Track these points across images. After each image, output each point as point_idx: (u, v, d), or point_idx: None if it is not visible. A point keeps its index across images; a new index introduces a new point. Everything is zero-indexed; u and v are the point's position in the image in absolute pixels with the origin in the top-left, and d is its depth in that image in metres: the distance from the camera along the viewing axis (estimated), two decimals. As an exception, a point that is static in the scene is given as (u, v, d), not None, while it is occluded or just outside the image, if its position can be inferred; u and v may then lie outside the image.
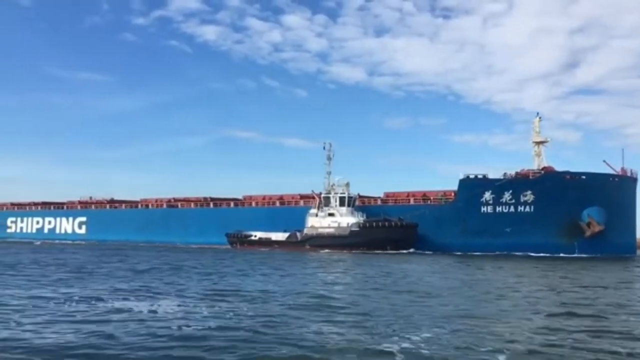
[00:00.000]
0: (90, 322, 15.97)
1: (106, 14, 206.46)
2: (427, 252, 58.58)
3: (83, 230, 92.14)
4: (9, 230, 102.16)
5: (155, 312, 18.18)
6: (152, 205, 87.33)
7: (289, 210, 71.26)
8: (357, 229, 59.54)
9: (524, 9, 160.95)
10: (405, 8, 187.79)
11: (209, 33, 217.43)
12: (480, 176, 61.12)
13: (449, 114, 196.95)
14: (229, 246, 68.99)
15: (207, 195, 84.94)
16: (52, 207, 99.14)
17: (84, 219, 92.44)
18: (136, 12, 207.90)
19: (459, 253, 58.13)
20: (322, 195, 63.72)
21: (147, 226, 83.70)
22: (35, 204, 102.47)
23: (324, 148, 65.66)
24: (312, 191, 66.13)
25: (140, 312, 18.04)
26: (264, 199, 78.79)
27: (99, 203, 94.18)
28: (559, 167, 61.91)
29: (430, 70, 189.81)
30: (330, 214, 61.95)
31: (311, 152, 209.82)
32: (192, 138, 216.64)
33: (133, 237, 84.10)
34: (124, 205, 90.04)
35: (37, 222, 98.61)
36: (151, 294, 22.71)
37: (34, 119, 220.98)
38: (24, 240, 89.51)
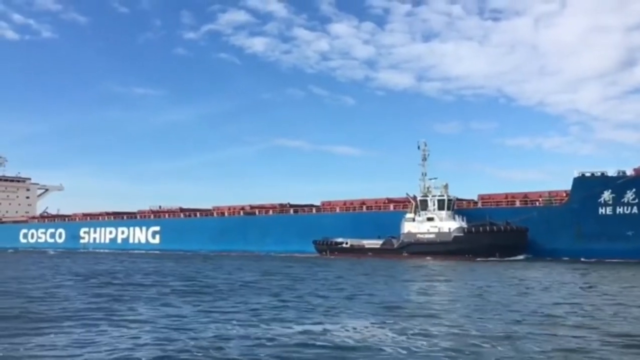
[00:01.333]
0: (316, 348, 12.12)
1: (159, 30, 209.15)
2: (540, 259, 53.01)
3: (157, 240, 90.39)
4: (82, 241, 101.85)
5: (365, 336, 14.15)
6: (226, 213, 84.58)
7: (376, 216, 66.76)
8: (461, 234, 54.43)
9: (577, 7, 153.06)
10: (453, 12, 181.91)
11: (257, 44, 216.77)
12: (597, 174, 54.98)
13: (501, 117, 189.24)
14: (313, 254, 65.21)
15: (283, 201, 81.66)
16: (124, 217, 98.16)
17: (157, 228, 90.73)
18: (187, 27, 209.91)
19: (566, 259, 52.61)
20: (419, 199, 58.92)
21: (223, 235, 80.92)
22: (108, 214, 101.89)
23: (419, 147, 61.06)
24: (407, 194, 61.43)
25: (348, 336, 13.99)
26: (344, 204, 74.55)
27: (172, 212, 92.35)
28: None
29: (480, 74, 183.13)
30: (429, 219, 57.05)
31: (360, 160, 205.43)
32: (241, 148, 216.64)
33: (208, 246, 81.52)
34: (198, 214, 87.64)
35: (110, 232, 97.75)
36: (322, 312, 18.70)
37: (94, 134, 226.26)
38: (46, 250, 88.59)
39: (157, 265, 45.81)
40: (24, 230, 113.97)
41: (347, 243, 60.45)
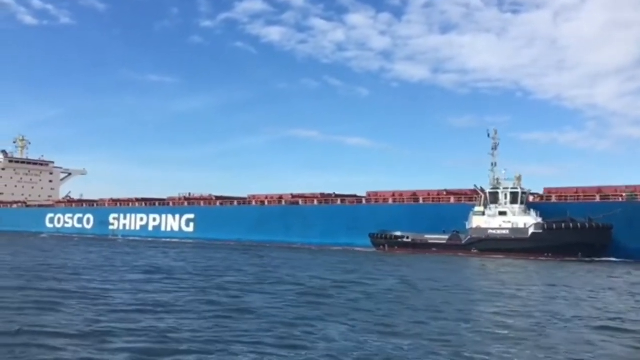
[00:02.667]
0: None
1: (175, 17, 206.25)
2: (627, 261, 48.25)
3: (191, 229, 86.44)
4: (111, 228, 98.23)
5: None
6: (265, 202, 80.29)
7: (435, 208, 62.07)
8: (539, 230, 49.68)
9: (597, 2, 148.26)
10: (472, 3, 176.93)
11: (273, 34, 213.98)
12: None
13: (517, 111, 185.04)
14: (364, 248, 60.85)
15: (325, 191, 77.28)
16: (156, 204, 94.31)
17: (192, 216, 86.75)
18: (204, 15, 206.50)
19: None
20: (488, 191, 54.21)
21: (262, 224, 76.75)
22: (138, 200, 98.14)
23: (489, 135, 56.26)
24: (475, 186, 56.72)
25: None
26: (393, 195, 69.92)
27: (207, 199, 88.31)
28: None
29: (498, 67, 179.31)
30: (502, 213, 52.36)
31: (373, 151, 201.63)
32: (255, 137, 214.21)
33: (246, 236, 77.42)
34: (236, 202, 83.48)
35: (141, 219, 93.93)
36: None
37: (108, 119, 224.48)
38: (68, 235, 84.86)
39: (214, 257, 41.66)
40: (50, 215, 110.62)
41: (408, 237, 55.91)
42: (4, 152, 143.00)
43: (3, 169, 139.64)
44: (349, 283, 25.96)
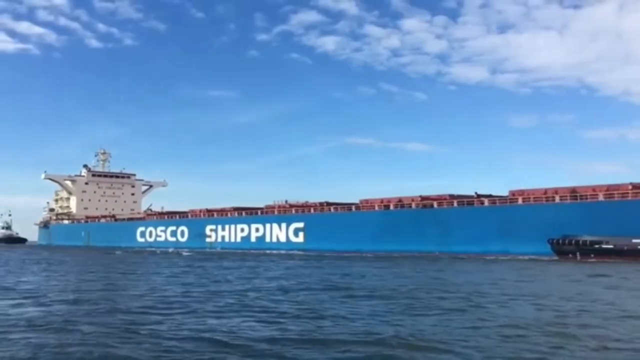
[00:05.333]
0: None
1: (232, 33, 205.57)
2: None
3: (300, 239, 78.10)
4: (208, 240, 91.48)
5: None
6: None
7: (622, 206, 50.82)
8: None
9: None
10: (530, 1, 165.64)
11: (328, 43, 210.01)
12: None
13: (581, 109, 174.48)
14: (535, 256, 50.51)
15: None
16: (258, 213, 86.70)
17: (301, 225, 78.41)
18: (260, 29, 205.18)
19: None
20: None
21: (388, 231, 67.28)
22: (237, 210, 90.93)
23: None
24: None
25: None
26: (545, 192, 58.48)
27: (318, 206, 79.81)
28: None
29: (559, 64, 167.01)
30: None
31: (432, 155, 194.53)
32: (313, 146, 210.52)
33: (368, 245, 68.15)
34: (353, 208, 74.45)
35: (242, 230, 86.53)
36: None
37: (170, 136, 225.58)
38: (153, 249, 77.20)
39: (374, 273, 32.23)
40: (141, 229, 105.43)
41: (607, 242, 44.97)
42: (86, 166, 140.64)
43: (86, 183, 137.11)
44: None
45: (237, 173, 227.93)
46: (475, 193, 63.91)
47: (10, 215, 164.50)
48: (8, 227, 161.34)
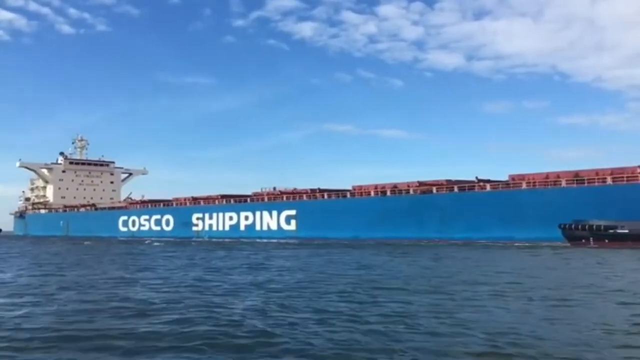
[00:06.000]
0: None
1: (208, 19, 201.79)
2: None
3: (292, 226, 75.74)
4: (195, 229, 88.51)
5: None
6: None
7: (632, 190, 49.52)
8: None
9: None
10: None
11: (305, 30, 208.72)
12: None
13: (555, 96, 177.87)
14: (538, 243, 49.17)
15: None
16: (247, 200, 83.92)
17: (292, 212, 75.97)
18: (236, 14, 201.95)
19: None
20: None
21: (386, 218, 65.37)
22: (224, 197, 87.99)
23: None
24: None
25: None
26: (547, 177, 57.18)
27: (309, 193, 77.38)
28: None
29: (534, 51, 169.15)
30: None
31: (408, 142, 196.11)
32: (290, 133, 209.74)
33: (364, 233, 66.37)
34: (348, 194, 72.19)
35: (230, 218, 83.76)
36: None
37: (146, 122, 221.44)
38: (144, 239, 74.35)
39: (390, 262, 30.03)
40: (123, 218, 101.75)
41: (623, 227, 43.56)
42: (62, 154, 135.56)
43: (64, 172, 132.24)
44: None
45: (214, 161, 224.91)
46: (476, 178, 62.28)
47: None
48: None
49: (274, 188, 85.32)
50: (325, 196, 74.39)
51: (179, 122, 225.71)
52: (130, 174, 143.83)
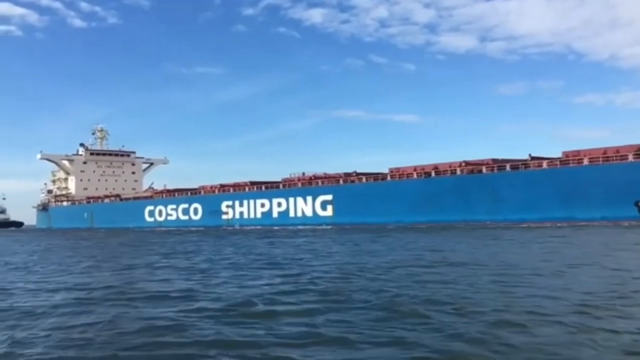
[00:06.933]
0: None
1: (218, 8, 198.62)
2: None
3: (329, 212, 72.51)
4: (224, 217, 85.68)
5: None
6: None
7: None
8: None
9: None
10: None
11: (315, 16, 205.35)
12: None
13: (569, 75, 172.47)
14: (623, 222, 45.58)
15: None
16: (279, 187, 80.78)
17: (329, 197, 72.70)
18: (246, 3, 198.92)
19: None
20: None
21: (431, 201, 61.94)
22: (254, 184, 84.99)
23: None
24: None
25: None
26: (604, 152, 53.37)
27: (345, 177, 74.00)
28: None
29: (547, 30, 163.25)
30: None
31: (420, 126, 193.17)
32: (301, 120, 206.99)
33: (408, 217, 62.91)
34: (388, 177, 68.69)
35: (262, 206, 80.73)
36: None
37: (157, 114, 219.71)
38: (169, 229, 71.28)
39: (462, 246, 26.63)
40: (149, 207, 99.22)
41: None
42: (82, 145, 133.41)
43: (85, 163, 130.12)
44: None
45: (227, 150, 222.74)
46: (529, 155, 58.39)
47: (4, 198, 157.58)
48: (2, 211, 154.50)
49: (303, 173, 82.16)
50: (364, 180, 70.91)
51: (190, 113, 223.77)
52: (152, 164, 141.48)
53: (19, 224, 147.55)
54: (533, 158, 57.92)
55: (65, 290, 14.18)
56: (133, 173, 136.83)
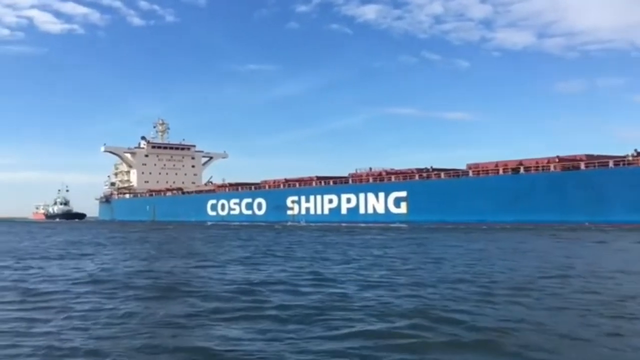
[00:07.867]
0: None
1: (272, 6, 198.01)
2: None
3: (402, 209, 68.51)
4: (290, 213, 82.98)
5: None
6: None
7: None
8: None
9: None
10: None
11: (369, 12, 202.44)
12: None
13: (632, 72, 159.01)
14: None
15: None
16: (349, 182, 77.30)
17: (403, 194, 68.66)
18: (299, 0, 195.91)
19: None
20: None
21: (520, 199, 57.05)
22: (320, 179, 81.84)
23: None
24: None
25: None
26: None
27: (417, 172, 69.74)
28: None
29: (609, 26, 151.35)
30: None
31: (473, 124, 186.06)
32: (353, 117, 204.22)
33: (493, 216, 58.19)
34: (470, 173, 63.98)
35: (330, 201, 77.49)
36: None
37: (212, 111, 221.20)
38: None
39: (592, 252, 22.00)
40: (212, 201, 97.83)
41: None
42: (144, 138, 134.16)
43: (146, 156, 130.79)
44: None
45: (278, 146, 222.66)
46: (635, 150, 52.57)
47: (67, 190, 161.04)
48: (66, 203, 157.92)
49: (370, 169, 78.38)
50: (442, 176, 66.45)
51: (243, 110, 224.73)
52: (211, 158, 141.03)
53: (81, 216, 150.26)
54: (639, 154, 52.14)
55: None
56: (193, 167, 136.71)
